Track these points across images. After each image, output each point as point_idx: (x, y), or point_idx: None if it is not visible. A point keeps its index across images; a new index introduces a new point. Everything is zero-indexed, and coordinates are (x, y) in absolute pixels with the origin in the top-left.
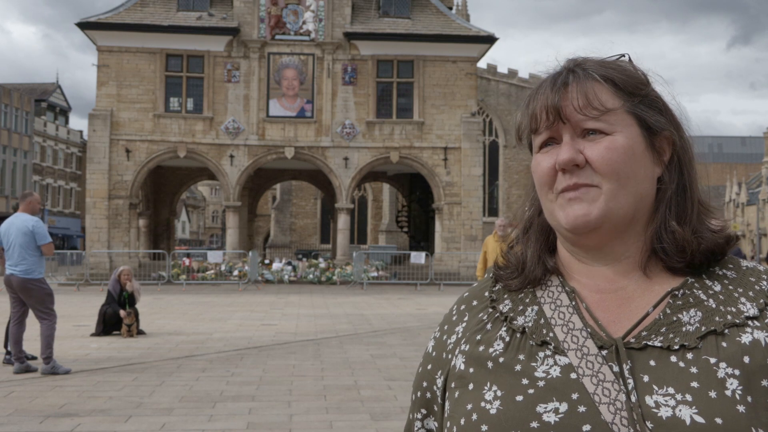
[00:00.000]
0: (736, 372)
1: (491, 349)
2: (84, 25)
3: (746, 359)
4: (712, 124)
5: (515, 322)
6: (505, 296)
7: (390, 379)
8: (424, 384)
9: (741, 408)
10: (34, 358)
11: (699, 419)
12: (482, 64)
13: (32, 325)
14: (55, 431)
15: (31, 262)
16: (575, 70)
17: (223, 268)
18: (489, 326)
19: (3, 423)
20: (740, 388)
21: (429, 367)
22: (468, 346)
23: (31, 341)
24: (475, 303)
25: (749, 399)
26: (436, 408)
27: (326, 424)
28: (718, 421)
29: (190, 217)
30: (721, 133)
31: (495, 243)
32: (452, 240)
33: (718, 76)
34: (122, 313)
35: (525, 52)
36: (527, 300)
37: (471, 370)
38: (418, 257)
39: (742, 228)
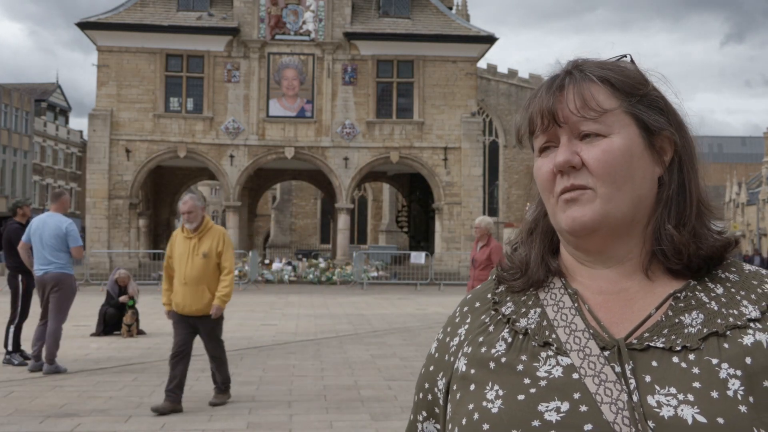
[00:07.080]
0: (738, 373)
1: (493, 350)
2: (84, 25)
3: (748, 360)
4: (707, 123)
5: (518, 324)
6: (508, 298)
7: (390, 379)
8: (426, 385)
9: (742, 408)
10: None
11: (701, 419)
12: (482, 64)
13: (31, 325)
14: (55, 431)
15: (65, 259)
16: (572, 72)
17: None
18: (491, 328)
19: (3, 423)
20: (742, 388)
21: (431, 368)
22: (470, 348)
23: (30, 341)
24: (477, 305)
25: (751, 399)
26: (437, 410)
27: (326, 424)
28: (720, 420)
29: None
30: (716, 132)
31: (184, 239)
32: (452, 240)
33: (712, 75)
34: (123, 297)
35: (518, 50)
36: (530, 302)
37: (473, 371)
38: (418, 257)
39: (742, 228)
